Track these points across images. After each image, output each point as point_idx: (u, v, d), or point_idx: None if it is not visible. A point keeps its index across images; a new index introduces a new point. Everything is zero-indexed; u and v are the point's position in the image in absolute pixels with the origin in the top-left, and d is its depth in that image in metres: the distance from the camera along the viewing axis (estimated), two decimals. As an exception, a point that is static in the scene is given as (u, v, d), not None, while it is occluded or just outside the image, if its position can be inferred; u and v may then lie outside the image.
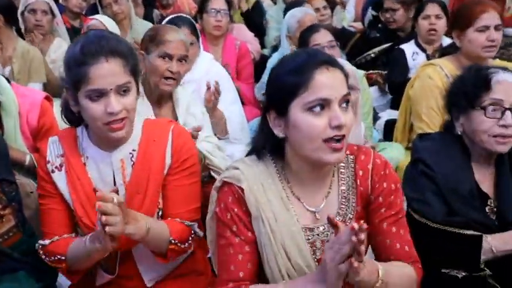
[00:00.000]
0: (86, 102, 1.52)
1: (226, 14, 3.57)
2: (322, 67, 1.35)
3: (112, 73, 1.50)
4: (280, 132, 1.41)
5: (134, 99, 1.58)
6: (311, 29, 2.83)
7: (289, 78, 1.36)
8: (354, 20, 6.56)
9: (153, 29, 2.40)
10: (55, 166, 1.66)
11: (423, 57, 3.53)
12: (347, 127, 1.34)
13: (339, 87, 1.35)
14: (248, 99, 3.61)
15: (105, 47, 1.51)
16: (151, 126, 1.73)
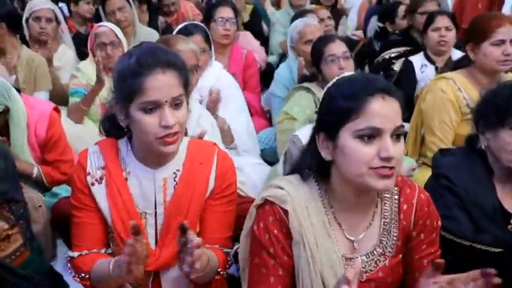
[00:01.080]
0: (139, 115, 1.48)
1: (234, 22, 3.55)
2: (378, 95, 1.31)
3: (168, 85, 1.47)
4: (327, 154, 1.37)
5: (186, 112, 1.54)
6: (325, 39, 2.78)
7: (343, 103, 1.33)
8: (356, 28, 6.57)
9: (163, 39, 2.36)
10: (95, 179, 1.61)
11: (432, 69, 3.49)
12: (397, 159, 1.30)
13: (393, 117, 1.32)
14: (255, 109, 3.56)
15: (162, 58, 1.48)
16: (196, 147, 1.68)
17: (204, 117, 2.40)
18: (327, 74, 2.68)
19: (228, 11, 3.55)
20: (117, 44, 3.19)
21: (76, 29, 4.50)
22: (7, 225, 1.65)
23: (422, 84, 3.46)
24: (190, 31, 2.86)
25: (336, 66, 2.67)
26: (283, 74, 3.37)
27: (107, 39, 3.16)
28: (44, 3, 3.63)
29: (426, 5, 3.95)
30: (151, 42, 1.69)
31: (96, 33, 3.21)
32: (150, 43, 1.67)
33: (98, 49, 3.16)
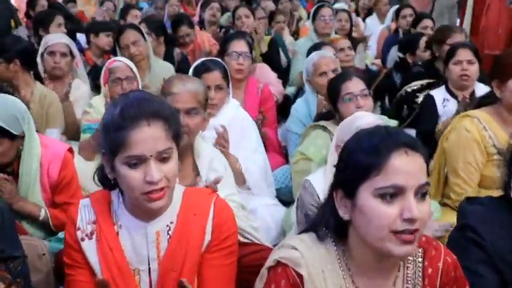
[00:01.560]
0: (123, 169, 1.40)
1: (248, 56, 3.46)
2: (401, 150, 1.21)
3: (153, 138, 1.39)
4: (345, 214, 1.27)
5: (175, 166, 1.45)
6: (342, 76, 2.68)
7: (362, 158, 1.23)
8: (376, 56, 6.47)
9: (164, 80, 2.29)
10: (85, 234, 1.52)
11: (454, 104, 3.35)
12: (421, 220, 1.19)
13: (417, 174, 1.21)
14: (272, 144, 3.46)
15: (147, 109, 1.40)
16: (192, 196, 1.59)
17: (216, 159, 2.30)
18: (344, 113, 2.58)
19: (242, 44, 3.47)
20: (132, 79, 3.15)
21: (93, 60, 4.49)
22: (3, 285, 1.58)
23: (445, 119, 3.32)
24: (208, 67, 2.80)
25: (354, 104, 2.57)
26: (300, 110, 3.28)
27: (122, 75, 3.12)
28: (58, 37, 3.63)
29: (455, 36, 3.83)
30: (138, 91, 1.59)
31: (111, 68, 3.16)
32: (138, 92, 1.57)
33: (112, 84, 3.12)
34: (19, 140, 2.24)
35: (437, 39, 3.90)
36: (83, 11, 8.05)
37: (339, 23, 5.33)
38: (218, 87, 2.78)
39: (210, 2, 5.83)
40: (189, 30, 4.92)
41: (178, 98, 2.15)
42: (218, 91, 2.78)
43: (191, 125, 2.18)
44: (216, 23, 5.86)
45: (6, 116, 2.16)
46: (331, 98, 2.70)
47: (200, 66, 2.82)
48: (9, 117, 2.17)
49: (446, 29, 3.97)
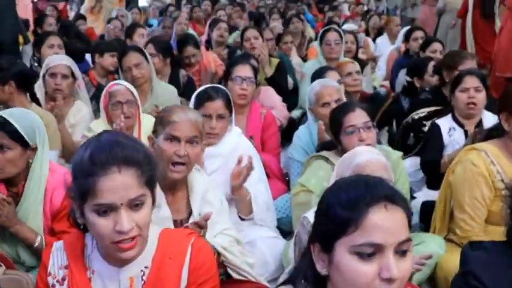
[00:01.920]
0: (92, 217, 1.33)
1: (252, 82, 3.39)
2: (380, 204, 1.14)
3: (124, 186, 1.31)
4: (323, 268, 1.19)
5: (148, 213, 1.38)
6: (344, 108, 2.59)
7: (339, 212, 1.15)
8: (385, 78, 6.39)
9: (163, 110, 2.23)
10: (57, 280, 1.46)
11: (460, 133, 3.25)
12: (401, 280, 1.11)
13: (397, 231, 1.13)
14: (273, 172, 3.38)
15: (119, 154, 1.33)
16: (169, 238, 1.51)
17: (211, 192, 2.23)
18: (347, 146, 2.50)
19: (246, 69, 3.41)
20: (133, 103, 3.09)
21: (97, 81, 4.46)
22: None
23: (450, 148, 3.23)
24: (210, 96, 2.73)
25: (356, 137, 2.48)
26: (303, 137, 3.19)
27: (123, 98, 3.07)
28: (60, 59, 3.59)
29: (466, 63, 3.73)
30: (112, 133, 1.47)
31: (111, 91, 3.10)
32: (111, 134, 1.46)
33: (112, 108, 3.07)
34: (30, 152, 2.26)
35: (448, 65, 3.81)
36: (93, 28, 8.10)
37: (345, 45, 5.28)
38: (220, 116, 2.71)
39: (218, 21, 5.81)
40: (194, 51, 4.88)
41: (180, 126, 2.10)
42: (220, 120, 2.71)
43: (191, 154, 2.12)
44: (224, 43, 5.83)
45: (24, 124, 2.23)
46: (333, 129, 2.62)
47: (202, 94, 2.75)
48: (27, 125, 2.24)
49: (457, 54, 3.87)
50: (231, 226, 2.24)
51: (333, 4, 12.02)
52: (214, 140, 2.73)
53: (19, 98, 3.17)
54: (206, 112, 2.69)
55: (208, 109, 2.70)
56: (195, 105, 2.76)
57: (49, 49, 4.31)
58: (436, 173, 3.16)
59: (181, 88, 4.45)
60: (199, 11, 8.92)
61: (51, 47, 4.32)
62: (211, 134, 2.70)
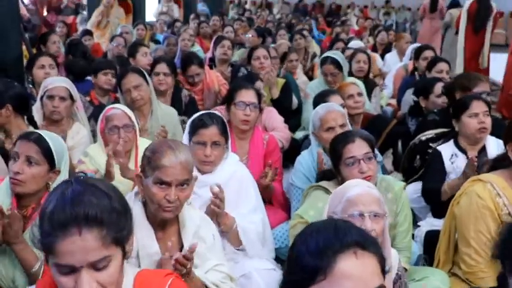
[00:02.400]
0: (55, 273, 1.25)
1: (256, 107, 3.29)
2: (350, 251, 1.08)
3: (84, 249, 1.22)
4: None
5: (115, 272, 1.29)
6: (344, 138, 2.49)
7: (307, 260, 1.10)
8: (392, 95, 6.30)
9: (150, 149, 2.10)
10: None
11: (463, 159, 3.14)
12: None
13: (368, 279, 1.08)
14: (276, 198, 3.29)
15: (80, 213, 1.23)
16: (145, 281, 1.44)
17: (204, 227, 2.15)
18: (347, 177, 2.42)
19: (250, 94, 3.31)
20: (130, 127, 3.03)
21: (99, 100, 4.40)
22: None
23: (454, 176, 3.14)
24: (205, 123, 2.65)
25: (357, 169, 2.40)
26: (305, 163, 3.10)
27: (120, 123, 3.00)
28: (58, 81, 3.53)
29: (482, 85, 3.65)
30: (82, 184, 1.33)
31: (108, 116, 3.04)
32: (81, 184, 1.33)
33: (109, 133, 3.01)
34: (53, 175, 2.30)
35: (463, 86, 3.71)
36: (99, 44, 8.09)
37: (357, 64, 5.21)
38: (215, 143, 2.63)
39: (222, 39, 5.74)
40: (199, 70, 4.81)
41: (170, 171, 2.00)
42: (215, 148, 2.64)
43: (182, 197, 2.04)
44: (228, 61, 5.76)
45: (56, 145, 2.29)
46: (333, 159, 2.54)
47: (197, 122, 2.68)
48: (58, 147, 2.31)
49: (473, 77, 3.78)
50: (223, 262, 2.16)
51: (341, 19, 11.95)
52: (209, 168, 2.66)
53: (16, 121, 3.14)
54: (201, 139, 2.63)
55: (202, 136, 2.63)
56: (189, 133, 2.70)
57: (39, 70, 4.21)
58: (438, 201, 3.07)
59: (183, 108, 4.39)
60: (206, 26, 8.88)
61: (41, 68, 4.22)
62: (205, 162, 2.63)
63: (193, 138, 2.65)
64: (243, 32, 8.96)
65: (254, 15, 14.98)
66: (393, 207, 2.53)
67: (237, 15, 16.60)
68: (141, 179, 2.07)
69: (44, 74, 4.17)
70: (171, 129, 3.70)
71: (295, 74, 5.87)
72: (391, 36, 9.40)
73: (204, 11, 14.70)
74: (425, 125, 3.76)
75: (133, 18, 9.43)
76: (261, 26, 10.00)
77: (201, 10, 14.51)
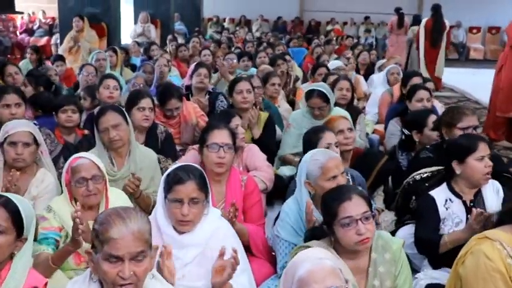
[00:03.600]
0: None
1: (231, 148, 3.04)
2: None
3: None
4: None
5: None
6: (339, 196, 2.21)
7: None
8: (378, 121, 6.08)
9: (98, 220, 1.84)
10: None
11: (459, 204, 2.94)
12: None
13: None
14: (258, 247, 3.01)
15: None
16: None
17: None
18: (341, 239, 2.17)
19: (224, 135, 3.06)
20: (100, 178, 2.74)
21: (64, 139, 4.08)
22: None
23: (450, 223, 2.92)
24: (181, 179, 2.37)
25: (353, 230, 2.15)
26: (292, 214, 2.81)
27: (88, 174, 2.71)
28: (21, 125, 3.19)
29: (467, 120, 3.46)
30: None
31: (74, 167, 2.73)
32: None
33: (76, 185, 2.71)
34: (19, 243, 2.13)
35: (447, 122, 3.51)
36: (72, 69, 7.73)
37: (339, 92, 4.98)
38: (193, 200, 2.36)
39: (198, 67, 5.46)
40: (178, 104, 4.53)
41: (121, 244, 1.75)
42: (193, 205, 2.36)
43: (139, 273, 1.78)
44: (205, 89, 5.49)
45: (26, 211, 2.15)
46: (326, 217, 2.27)
47: (172, 177, 2.40)
48: (28, 213, 2.16)
49: (457, 111, 3.56)
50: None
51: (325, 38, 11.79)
52: (188, 228, 2.39)
53: None
54: (177, 197, 2.36)
55: (179, 193, 2.36)
56: (164, 189, 2.42)
57: (4, 109, 3.86)
58: (435, 254, 2.83)
59: (159, 146, 4.10)
60: (184, 50, 8.63)
61: (6, 107, 3.87)
62: (183, 221, 2.36)
63: (169, 196, 2.38)
64: (222, 55, 8.70)
65: (232, 35, 14.76)
66: (391, 269, 2.28)
67: (216, 33, 16.40)
68: (91, 256, 1.82)
69: (9, 114, 3.84)
70: (149, 173, 3.43)
71: (276, 101, 5.61)
72: (372, 56, 9.27)
73: (181, 30, 14.47)
74: (418, 162, 3.52)
75: (107, 41, 9.10)
76: (239, 47, 9.74)
77: (178, 29, 14.27)
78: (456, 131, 3.45)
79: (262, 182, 3.65)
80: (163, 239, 2.40)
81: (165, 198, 2.41)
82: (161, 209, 2.45)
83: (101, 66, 6.50)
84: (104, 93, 4.65)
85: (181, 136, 4.70)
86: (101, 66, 6.50)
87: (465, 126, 3.43)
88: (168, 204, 2.38)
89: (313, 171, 2.73)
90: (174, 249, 2.38)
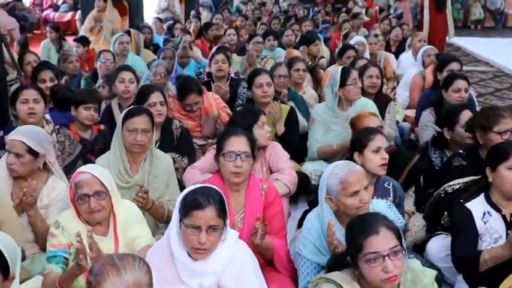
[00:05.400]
0: None
1: (249, 157, 2.82)
2: None
3: None
4: None
5: None
6: (365, 228, 1.95)
7: None
8: (408, 106, 5.76)
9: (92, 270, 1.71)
10: None
11: (498, 218, 2.70)
12: None
13: None
14: (282, 262, 2.81)
15: None
16: None
17: None
18: (367, 276, 1.96)
19: (241, 142, 2.84)
20: (103, 194, 2.58)
21: (79, 135, 3.93)
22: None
23: (488, 238, 2.68)
24: (200, 204, 2.17)
25: (380, 267, 1.93)
26: (314, 231, 2.59)
27: (90, 190, 2.55)
28: (16, 134, 3.00)
29: (505, 122, 3.15)
30: None
31: (77, 182, 2.57)
32: None
33: (79, 202, 2.56)
34: (7, 283, 2.06)
35: (482, 125, 3.21)
36: (94, 50, 7.56)
37: (369, 79, 4.69)
38: (212, 228, 2.18)
39: (216, 53, 5.22)
40: (198, 99, 4.35)
41: None
42: (211, 233, 2.18)
43: None
44: (224, 75, 5.26)
45: (9, 250, 2.07)
46: (350, 249, 2.06)
47: (190, 201, 2.19)
48: (11, 252, 2.09)
49: (492, 113, 3.25)
50: None
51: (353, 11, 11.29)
52: (203, 256, 2.21)
53: None
54: (195, 223, 2.17)
55: (197, 220, 2.17)
56: (180, 212, 2.23)
57: (23, 105, 3.71)
58: (475, 272, 2.60)
59: (175, 142, 3.92)
60: (211, 29, 8.39)
61: (25, 102, 3.71)
62: (199, 249, 2.18)
63: (186, 220, 2.19)
64: (246, 33, 8.42)
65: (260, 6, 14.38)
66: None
67: (242, 4, 15.99)
68: None
69: (27, 109, 3.68)
70: (164, 180, 3.27)
71: (301, 87, 5.34)
72: (405, 31, 8.82)
73: (206, 2, 14.12)
74: (451, 171, 3.22)
75: (130, 19, 8.89)
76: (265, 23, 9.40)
77: (203, 2, 13.94)
78: (492, 135, 3.15)
79: (285, 185, 3.46)
80: (176, 266, 2.24)
81: (180, 222, 2.24)
82: (175, 234, 2.27)
83: (124, 49, 6.30)
84: (120, 87, 4.45)
85: (202, 129, 4.52)
86: (124, 49, 6.30)
87: (502, 130, 3.13)
88: (183, 229, 2.20)
89: (334, 186, 2.51)
90: (187, 278, 2.22)
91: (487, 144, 3.14)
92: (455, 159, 3.27)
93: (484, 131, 3.18)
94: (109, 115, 4.42)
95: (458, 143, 3.55)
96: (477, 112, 3.60)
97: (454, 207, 2.85)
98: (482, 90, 8.38)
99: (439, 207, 3.08)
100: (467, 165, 3.18)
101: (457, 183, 3.04)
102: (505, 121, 3.15)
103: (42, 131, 3.19)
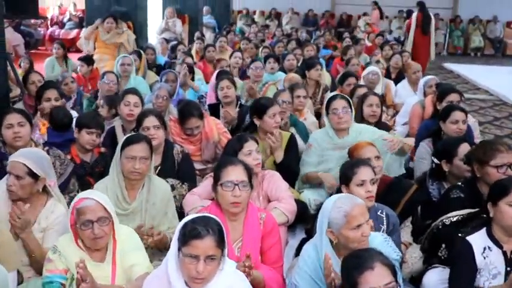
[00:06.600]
0: None
1: (246, 186, 2.83)
2: None
3: None
4: None
5: None
6: (360, 264, 1.99)
7: None
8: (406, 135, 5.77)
9: None
10: None
11: (498, 254, 2.69)
12: None
13: None
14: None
15: None
16: None
17: None
18: (362, 313, 1.97)
19: (238, 171, 2.85)
20: (106, 220, 2.59)
21: (80, 158, 3.95)
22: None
23: (486, 273, 2.68)
24: (199, 233, 2.18)
25: (375, 304, 1.94)
26: (311, 263, 2.59)
27: (93, 216, 2.56)
28: (17, 156, 3.02)
29: (502, 157, 3.14)
30: None
31: (79, 208, 2.58)
32: None
33: (81, 228, 2.56)
34: None
35: (479, 159, 3.23)
36: (98, 69, 7.60)
37: (369, 108, 4.70)
38: (210, 257, 2.19)
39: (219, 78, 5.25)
40: (199, 123, 4.37)
41: None
42: (210, 262, 2.19)
43: None
44: (232, 100, 5.27)
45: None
46: (345, 285, 2.07)
47: (189, 230, 2.21)
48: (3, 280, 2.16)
49: (489, 147, 3.25)
50: None
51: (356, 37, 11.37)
52: (201, 286, 2.23)
53: None
54: (193, 252, 2.18)
55: (195, 249, 2.18)
56: (179, 240, 2.24)
57: (8, 129, 3.66)
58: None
59: (175, 166, 3.94)
60: (213, 50, 8.45)
61: (9, 127, 3.66)
62: (197, 279, 2.20)
63: (184, 249, 2.20)
64: (248, 56, 8.48)
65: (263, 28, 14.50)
66: None
67: (246, 26, 16.15)
68: None
69: (12, 133, 3.65)
70: (162, 208, 3.27)
71: (302, 114, 5.38)
72: (405, 58, 8.89)
73: (210, 23, 14.27)
74: (448, 203, 3.22)
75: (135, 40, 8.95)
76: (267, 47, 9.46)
77: (207, 22, 14.08)
78: (489, 168, 3.16)
79: (283, 214, 3.45)
80: (173, 294, 2.25)
81: (178, 250, 2.25)
82: (174, 262, 2.28)
83: (125, 71, 6.31)
84: (124, 110, 4.48)
85: (202, 153, 4.54)
86: (125, 71, 6.31)
87: (499, 164, 3.14)
88: (182, 258, 2.22)
89: (337, 219, 2.52)
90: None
91: (485, 178, 3.17)
92: (453, 191, 3.27)
93: (481, 164, 3.20)
94: (112, 136, 4.45)
95: (457, 176, 3.56)
96: (475, 145, 3.62)
97: (453, 239, 2.86)
98: (481, 119, 8.42)
99: (437, 239, 3.09)
100: (465, 197, 3.18)
101: (454, 215, 3.05)
102: (502, 155, 3.16)
103: (45, 155, 3.21)
